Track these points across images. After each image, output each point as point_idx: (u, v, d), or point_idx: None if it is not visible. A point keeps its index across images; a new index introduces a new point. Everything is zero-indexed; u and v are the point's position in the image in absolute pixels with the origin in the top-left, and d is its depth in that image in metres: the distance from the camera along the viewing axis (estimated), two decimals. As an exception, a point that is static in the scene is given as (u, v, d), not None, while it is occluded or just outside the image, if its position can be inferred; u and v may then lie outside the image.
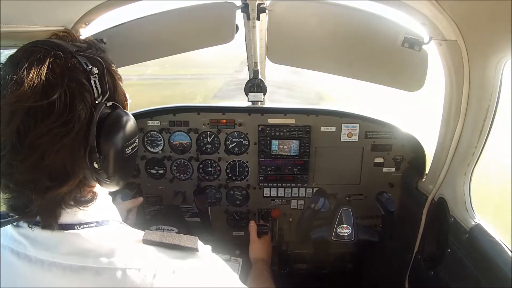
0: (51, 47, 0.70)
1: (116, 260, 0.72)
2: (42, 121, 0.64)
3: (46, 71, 0.65)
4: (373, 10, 1.49)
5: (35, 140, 0.64)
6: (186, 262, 0.77)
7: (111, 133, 0.74)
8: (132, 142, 0.80)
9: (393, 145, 2.14)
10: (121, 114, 0.77)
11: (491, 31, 1.18)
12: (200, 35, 1.73)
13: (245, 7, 1.54)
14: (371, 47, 1.58)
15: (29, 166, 0.65)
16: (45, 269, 0.72)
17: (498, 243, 1.31)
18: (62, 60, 0.69)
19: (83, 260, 0.72)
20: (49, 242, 0.74)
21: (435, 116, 1.73)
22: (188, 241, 0.80)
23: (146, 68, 14.28)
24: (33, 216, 0.72)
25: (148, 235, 0.79)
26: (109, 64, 0.81)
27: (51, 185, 0.68)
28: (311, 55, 1.70)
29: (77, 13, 1.44)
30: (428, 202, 1.79)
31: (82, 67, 0.71)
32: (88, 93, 0.70)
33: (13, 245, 0.75)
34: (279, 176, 2.21)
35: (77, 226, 0.75)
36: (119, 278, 0.70)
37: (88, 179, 0.75)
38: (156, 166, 2.23)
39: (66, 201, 0.72)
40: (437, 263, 1.66)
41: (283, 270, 2.42)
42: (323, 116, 2.11)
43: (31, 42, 0.73)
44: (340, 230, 1.93)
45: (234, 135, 2.16)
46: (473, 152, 1.45)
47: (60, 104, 0.65)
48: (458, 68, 1.40)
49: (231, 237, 2.39)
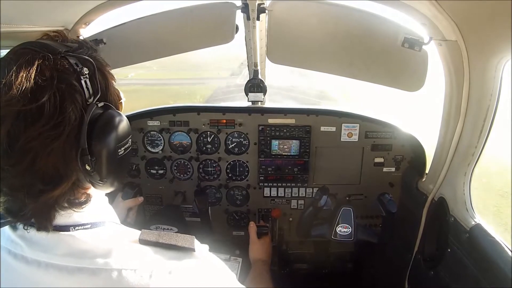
0: (40, 48, 0.69)
1: (112, 261, 0.72)
2: (32, 124, 0.63)
3: (34, 73, 0.64)
4: (373, 10, 1.49)
5: (25, 144, 0.63)
6: (183, 263, 0.77)
7: (102, 134, 0.73)
8: (124, 143, 0.79)
9: (393, 145, 2.14)
10: (113, 114, 0.76)
11: (491, 31, 1.18)
12: (200, 35, 1.73)
13: (245, 7, 1.54)
14: (371, 47, 1.58)
15: (21, 171, 0.65)
16: (42, 270, 0.72)
17: (498, 243, 1.31)
18: (51, 62, 0.67)
19: (79, 261, 0.72)
20: (45, 243, 0.74)
21: (435, 116, 1.73)
22: (185, 241, 0.80)
23: (129, 71, 13.11)
24: (28, 219, 0.72)
25: (145, 235, 0.79)
26: (101, 63, 0.80)
27: (44, 188, 0.68)
28: (311, 55, 1.70)
29: (77, 14, 1.45)
30: (428, 202, 1.79)
31: (72, 67, 0.70)
32: (79, 94, 0.69)
33: (10, 246, 0.76)
34: (279, 176, 2.21)
35: (72, 227, 0.75)
36: (115, 278, 0.70)
37: (81, 181, 0.75)
38: (156, 166, 2.23)
39: (60, 203, 0.72)
40: (437, 263, 1.66)
41: (283, 270, 2.43)
42: (323, 116, 2.11)
43: (22, 43, 0.72)
44: (340, 229, 1.93)
45: (234, 135, 2.16)
46: (473, 152, 1.45)
47: (50, 106, 0.64)
48: (458, 68, 1.40)
49: (231, 237, 2.39)
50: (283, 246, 2.41)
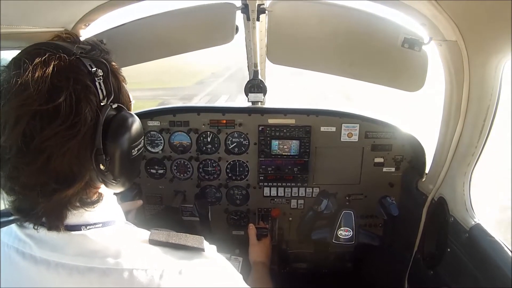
0: (55, 49, 0.69)
1: (123, 261, 0.72)
2: (48, 124, 0.63)
3: (51, 74, 0.65)
4: (373, 11, 1.49)
5: (41, 143, 0.63)
6: (193, 262, 0.78)
7: (117, 135, 0.73)
8: (138, 143, 0.80)
9: (393, 145, 2.14)
10: (127, 115, 0.77)
11: (491, 31, 1.18)
12: (200, 36, 1.73)
13: (245, 8, 1.54)
14: (371, 47, 1.58)
15: (35, 170, 0.65)
16: (51, 270, 0.72)
17: (498, 242, 1.31)
18: (67, 63, 0.68)
19: (90, 261, 0.72)
20: (56, 243, 0.74)
21: (436, 115, 1.73)
22: (195, 241, 0.81)
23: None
24: (39, 218, 0.71)
25: (154, 235, 0.80)
26: (113, 65, 0.81)
27: (58, 187, 0.68)
28: (311, 56, 1.70)
29: (77, 14, 1.44)
30: (428, 201, 1.79)
31: (87, 69, 0.71)
32: (94, 96, 0.70)
33: (18, 245, 0.75)
34: (279, 176, 2.21)
35: (84, 227, 0.75)
36: (126, 278, 0.70)
37: (94, 181, 0.75)
38: (156, 166, 2.23)
39: (72, 202, 0.72)
40: (437, 263, 1.66)
41: (283, 269, 2.43)
42: (323, 116, 2.11)
43: (34, 44, 0.72)
44: (341, 233, 1.93)
45: (234, 135, 2.17)
46: (473, 152, 1.45)
47: (66, 107, 0.64)
48: (458, 68, 1.40)
49: (231, 236, 2.39)
50: (283, 246, 2.41)
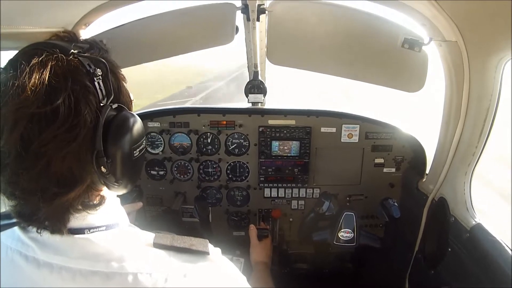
0: (52, 49, 0.66)
1: (127, 265, 0.71)
2: (47, 127, 0.61)
3: (48, 75, 0.62)
4: (373, 11, 1.49)
5: (40, 147, 0.61)
6: (197, 266, 0.77)
7: (118, 136, 0.71)
8: (139, 144, 0.78)
9: (394, 146, 2.14)
10: (127, 116, 0.75)
11: (491, 31, 1.18)
12: (200, 36, 1.72)
13: (245, 8, 1.54)
14: (371, 48, 1.58)
15: (35, 174, 0.63)
16: (55, 273, 0.71)
17: (499, 242, 1.32)
18: (64, 63, 0.65)
19: (94, 265, 0.71)
20: (59, 246, 0.72)
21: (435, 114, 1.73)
22: (199, 244, 0.79)
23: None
24: (41, 223, 0.70)
25: (159, 238, 0.78)
26: (112, 64, 0.79)
27: (59, 191, 0.66)
28: (311, 56, 1.70)
29: (77, 14, 1.44)
30: (429, 202, 1.79)
31: (86, 69, 0.68)
32: (93, 96, 0.68)
33: (21, 248, 0.74)
34: (279, 176, 2.21)
35: (87, 230, 0.74)
36: (131, 282, 0.69)
37: (95, 183, 0.73)
38: (156, 167, 2.23)
39: (74, 206, 0.70)
40: (438, 263, 1.66)
41: (284, 270, 2.42)
42: (323, 117, 2.11)
43: (31, 44, 0.70)
44: (342, 234, 1.92)
45: (235, 136, 2.16)
46: (473, 152, 1.45)
47: (65, 109, 0.62)
48: (458, 68, 1.40)
49: (232, 237, 2.39)
50: (284, 246, 2.41)
